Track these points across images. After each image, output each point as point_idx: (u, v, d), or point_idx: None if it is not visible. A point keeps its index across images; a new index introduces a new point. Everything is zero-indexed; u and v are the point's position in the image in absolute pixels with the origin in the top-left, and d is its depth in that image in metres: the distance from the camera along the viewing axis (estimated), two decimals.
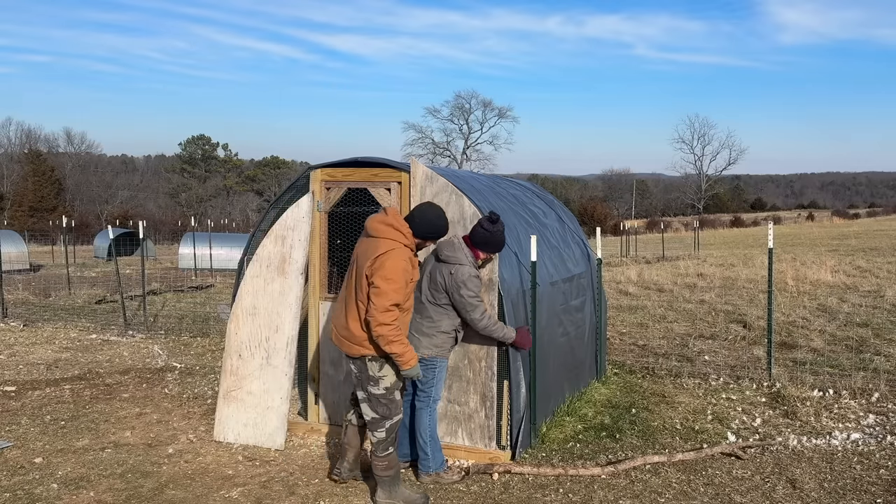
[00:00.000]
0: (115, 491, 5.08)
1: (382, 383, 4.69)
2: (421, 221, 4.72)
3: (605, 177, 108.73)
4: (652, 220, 71.09)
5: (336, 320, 4.79)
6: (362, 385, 4.73)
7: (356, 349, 4.65)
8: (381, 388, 4.69)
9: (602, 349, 7.97)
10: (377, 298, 4.43)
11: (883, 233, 41.04)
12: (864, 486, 5.17)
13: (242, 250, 6.82)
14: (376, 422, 4.74)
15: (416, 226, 4.71)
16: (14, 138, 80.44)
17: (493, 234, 5.06)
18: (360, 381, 4.74)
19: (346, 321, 4.65)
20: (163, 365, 9.04)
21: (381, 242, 4.56)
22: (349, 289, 4.69)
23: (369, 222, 4.67)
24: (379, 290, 4.43)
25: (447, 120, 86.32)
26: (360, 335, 4.62)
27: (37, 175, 66.83)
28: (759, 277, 17.20)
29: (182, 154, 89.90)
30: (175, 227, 50.43)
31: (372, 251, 4.54)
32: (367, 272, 4.50)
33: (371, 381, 4.68)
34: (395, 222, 4.62)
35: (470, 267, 5.00)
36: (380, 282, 4.44)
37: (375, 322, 4.44)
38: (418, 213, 4.77)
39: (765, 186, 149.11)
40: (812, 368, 8.32)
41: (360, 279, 4.56)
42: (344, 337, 4.69)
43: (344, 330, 4.68)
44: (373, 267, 4.48)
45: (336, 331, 4.77)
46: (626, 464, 5.46)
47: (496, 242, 5.11)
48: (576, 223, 8.08)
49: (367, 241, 4.65)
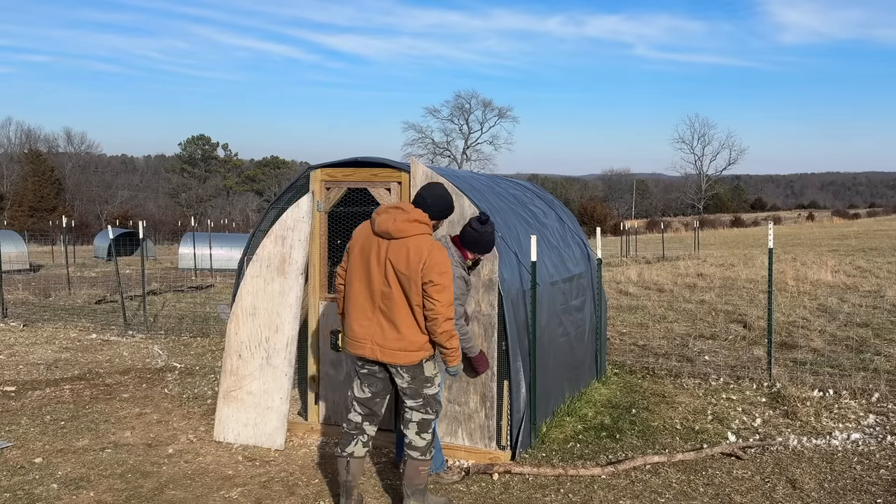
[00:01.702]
0: (115, 491, 5.08)
1: (436, 381, 4.59)
2: (434, 202, 4.54)
3: (605, 177, 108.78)
4: (652, 220, 71.11)
5: (377, 337, 4.41)
6: (417, 391, 4.49)
7: (415, 356, 4.43)
8: (434, 386, 4.58)
9: (602, 349, 7.97)
10: (441, 295, 4.31)
11: (883, 233, 41.05)
12: (865, 486, 5.17)
13: (242, 250, 6.82)
14: (428, 422, 4.55)
15: (430, 208, 4.52)
16: (14, 138, 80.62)
17: (482, 234, 4.98)
18: (413, 390, 4.49)
19: (400, 332, 4.38)
20: (163, 365, 9.03)
21: (417, 241, 4.37)
22: (392, 302, 4.37)
23: (390, 224, 4.38)
24: (440, 286, 4.31)
25: (447, 120, 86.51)
26: (419, 340, 4.42)
27: (37, 175, 66.84)
28: (760, 277, 17.20)
29: (182, 154, 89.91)
30: (175, 227, 50.43)
31: (414, 253, 4.33)
32: (421, 274, 4.30)
33: (427, 383, 4.52)
34: (419, 216, 4.43)
35: (457, 267, 4.93)
36: (438, 278, 4.31)
37: (443, 318, 4.33)
38: (429, 195, 4.56)
39: (765, 186, 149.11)
40: (812, 368, 8.32)
41: (410, 284, 4.32)
42: (398, 349, 4.39)
43: (397, 342, 4.39)
44: (425, 268, 4.30)
45: (381, 348, 4.41)
46: (626, 464, 5.46)
47: (485, 243, 5.02)
48: (576, 223, 8.08)
49: (396, 245, 4.36)
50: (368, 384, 4.57)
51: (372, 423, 4.64)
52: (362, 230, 4.56)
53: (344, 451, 4.59)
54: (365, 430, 4.62)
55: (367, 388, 4.57)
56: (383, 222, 4.39)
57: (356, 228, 4.63)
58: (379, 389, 4.58)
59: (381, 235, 4.40)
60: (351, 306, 4.51)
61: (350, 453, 4.58)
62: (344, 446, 4.60)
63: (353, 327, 4.48)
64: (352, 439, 4.60)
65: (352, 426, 4.62)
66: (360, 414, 4.60)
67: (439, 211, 4.58)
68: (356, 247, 4.51)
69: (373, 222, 4.46)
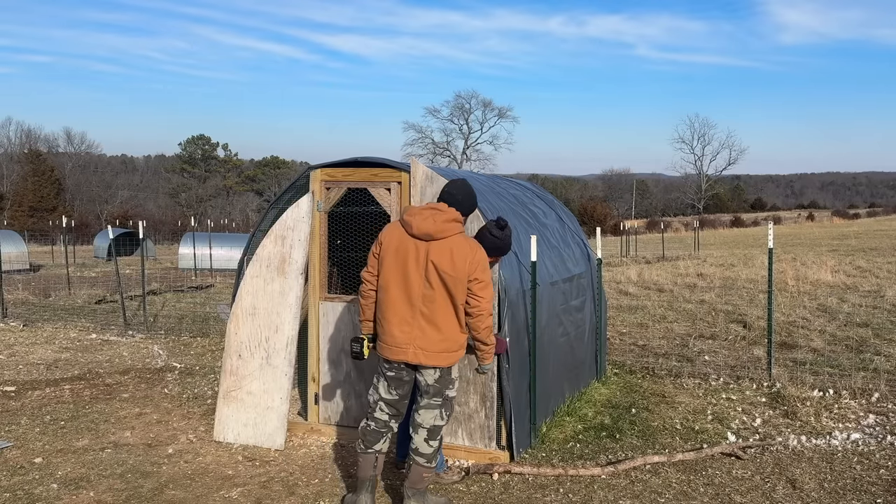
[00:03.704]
0: (114, 491, 5.08)
1: (456, 383, 4.63)
2: (464, 199, 4.51)
3: (605, 177, 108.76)
4: (652, 220, 71.13)
5: (419, 341, 4.38)
6: (440, 391, 4.50)
7: (455, 356, 4.47)
8: (454, 388, 4.61)
9: (602, 349, 7.97)
10: (484, 291, 4.37)
11: (883, 233, 41.06)
12: (864, 486, 5.17)
13: (242, 250, 6.82)
14: (438, 429, 4.56)
15: (461, 205, 4.49)
16: (14, 138, 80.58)
17: (503, 239, 4.98)
18: (437, 389, 4.49)
19: (442, 333, 4.38)
20: (163, 365, 9.04)
21: (459, 240, 4.39)
22: (434, 303, 4.36)
23: (430, 225, 4.33)
24: (484, 283, 4.38)
25: (447, 120, 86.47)
26: (461, 339, 4.48)
27: (37, 175, 66.83)
28: (759, 277, 17.21)
29: (182, 154, 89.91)
30: (175, 227, 50.45)
31: (458, 252, 4.33)
32: (467, 273, 4.33)
33: (451, 384, 4.55)
34: (455, 215, 4.40)
35: None
36: (482, 275, 4.37)
37: (487, 313, 4.40)
38: (459, 192, 4.52)
39: (765, 186, 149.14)
40: (812, 368, 8.32)
41: (456, 283, 4.32)
42: (441, 350, 4.40)
43: (441, 343, 4.38)
44: (471, 266, 4.34)
45: (424, 351, 4.38)
46: (626, 464, 5.46)
47: (505, 247, 5.05)
48: (576, 223, 8.08)
49: (438, 245, 4.34)
50: (396, 386, 4.56)
51: (397, 421, 4.71)
52: (393, 233, 4.46)
53: (371, 447, 4.61)
54: (392, 427, 4.68)
55: (395, 390, 4.57)
56: (422, 224, 4.34)
57: (383, 233, 4.52)
58: (406, 392, 4.61)
59: (419, 237, 4.36)
60: (389, 312, 4.43)
61: (378, 450, 4.62)
62: (371, 443, 4.61)
63: (394, 333, 4.42)
64: (380, 437, 4.63)
65: (380, 424, 4.63)
66: (388, 414, 4.63)
67: (469, 207, 4.58)
68: (390, 251, 4.42)
69: (407, 225, 4.39)
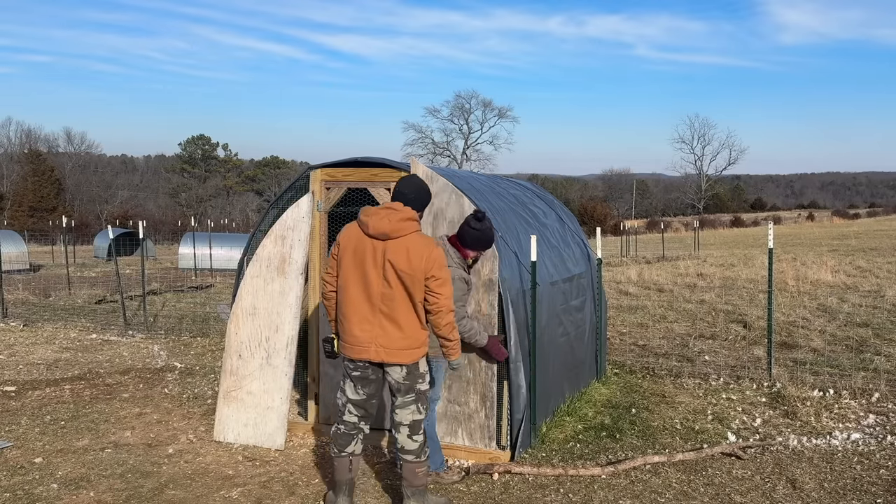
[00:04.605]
0: (115, 491, 5.08)
1: (427, 377, 4.66)
2: (416, 196, 4.59)
3: (605, 177, 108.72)
4: (652, 220, 71.11)
5: (380, 339, 4.43)
6: (411, 387, 4.54)
7: (417, 353, 4.51)
8: (426, 382, 4.65)
9: (602, 349, 7.97)
10: (443, 288, 4.41)
11: (883, 233, 41.06)
12: (865, 486, 5.17)
13: (242, 250, 6.82)
14: (418, 423, 4.59)
15: (414, 202, 4.56)
16: (14, 138, 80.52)
17: (483, 231, 5.06)
18: (408, 386, 4.53)
19: (403, 331, 4.44)
20: (163, 365, 9.04)
21: (414, 238, 4.43)
22: (393, 301, 4.40)
23: (385, 225, 4.38)
24: (442, 280, 4.41)
25: (447, 120, 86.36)
26: (422, 336, 4.52)
27: (37, 175, 66.81)
28: (759, 277, 17.21)
29: (182, 154, 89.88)
30: (175, 227, 50.45)
31: (414, 251, 4.37)
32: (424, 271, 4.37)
33: (420, 378, 4.59)
34: (410, 213, 4.45)
35: (457, 268, 5.00)
36: (439, 272, 4.41)
37: (447, 309, 4.44)
38: (409, 190, 4.59)
39: (765, 186, 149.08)
40: (812, 368, 8.32)
41: (413, 281, 4.37)
42: (402, 348, 4.45)
43: (401, 341, 4.44)
44: (427, 264, 4.38)
45: (385, 349, 4.44)
46: (627, 464, 5.46)
47: (487, 239, 5.11)
48: (576, 223, 8.08)
49: (395, 244, 4.39)
50: (363, 385, 4.58)
51: (367, 423, 4.69)
52: (351, 234, 4.52)
53: (344, 450, 4.62)
54: (362, 429, 4.66)
55: (361, 389, 4.58)
56: (378, 223, 4.39)
57: (341, 234, 4.60)
58: (373, 391, 4.61)
59: (376, 237, 4.40)
60: (349, 311, 4.48)
61: (351, 452, 4.63)
62: (343, 447, 4.62)
63: (354, 332, 4.46)
64: (351, 439, 4.63)
65: (350, 427, 4.63)
66: (357, 415, 4.63)
67: (422, 202, 4.63)
68: (348, 251, 4.48)
69: (364, 225, 4.44)
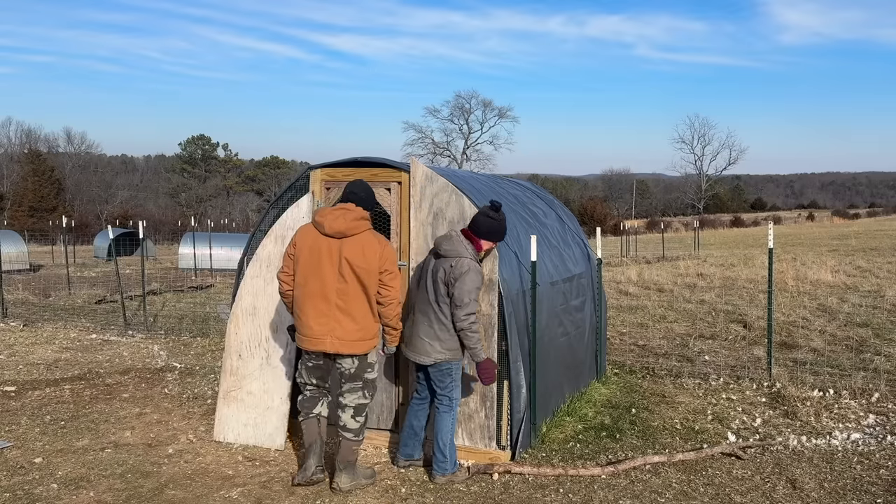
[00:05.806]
0: (115, 491, 5.08)
1: (375, 366, 5.09)
2: (367, 196, 4.92)
3: (605, 177, 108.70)
4: (652, 220, 71.09)
5: (336, 331, 4.78)
6: (359, 375, 4.93)
7: (370, 344, 4.89)
8: (374, 371, 5.07)
9: (602, 349, 7.97)
10: (394, 281, 4.82)
11: (883, 233, 41.04)
12: (865, 486, 5.17)
13: (242, 250, 6.82)
14: (363, 406, 4.98)
15: (365, 201, 4.91)
16: (14, 138, 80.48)
17: (499, 221, 5.14)
18: (356, 374, 4.93)
19: (357, 323, 4.79)
20: (163, 365, 9.04)
21: (368, 236, 4.80)
22: (348, 296, 4.76)
23: (341, 224, 4.73)
24: (394, 274, 4.83)
25: (447, 120, 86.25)
26: (374, 328, 4.89)
27: (37, 175, 66.77)
28: (759, 277, 17.20)
29: (182, 154, 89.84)
30: (175, 227, 50.42)
31: (369, 247, 4.76)
32: (378, 266, 4.76)
33: (369, 368, 4.99)
34: (362, 213, 4.83)
35: (471, 260, 4.94)
36: (392, 266, 4.81)
37: (396, 301, 4.86)
38: (360, 190, 4.91)
39: (765, 186, 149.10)
40: (812, 368, 8.33)
41: (369, 276, 4.74)
42: (357, 339, 4.81)
43: (356, 333, 4.80)
44: (381, 261, 4.77)
45: (341, 341, 4.79)
46: (626, 464, 5.46)
47: (502, 230, 5.18)
48: (576, 223, 8.08)
49: (350, 242, 4.75)
50: (316, 376, 5.06)
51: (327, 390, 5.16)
52: (306, 234, 4.86)
53: (311, 412, 5.06)
54: (325, 393, 5.13)
55: (314, 378, 5.07)
56: (333, 223, 4.75)
57: (296, 235, 4.93)
58: (324, 375, 5.09)
59: (331, 236, 4.76)
60: (307, 306, 4.82)
61: (318, 413, 5.08)
62: (310, 409, 5.07)
63: (311, 325, 4.82)
64: (316, 402, 5.09)
65: (313, 390, 5.09)
66: (316, 386, 5.10)
67: (372, 202, 4.99)
68: (304, 250, 4.82)
69: (319, 225, 4.79)
